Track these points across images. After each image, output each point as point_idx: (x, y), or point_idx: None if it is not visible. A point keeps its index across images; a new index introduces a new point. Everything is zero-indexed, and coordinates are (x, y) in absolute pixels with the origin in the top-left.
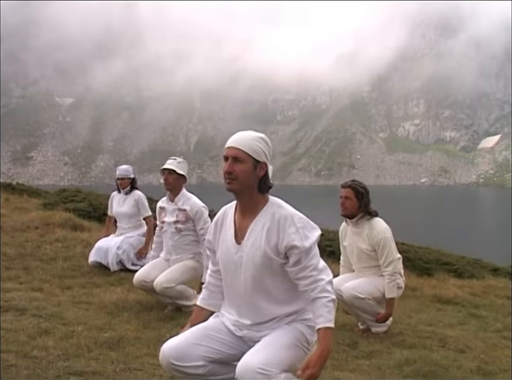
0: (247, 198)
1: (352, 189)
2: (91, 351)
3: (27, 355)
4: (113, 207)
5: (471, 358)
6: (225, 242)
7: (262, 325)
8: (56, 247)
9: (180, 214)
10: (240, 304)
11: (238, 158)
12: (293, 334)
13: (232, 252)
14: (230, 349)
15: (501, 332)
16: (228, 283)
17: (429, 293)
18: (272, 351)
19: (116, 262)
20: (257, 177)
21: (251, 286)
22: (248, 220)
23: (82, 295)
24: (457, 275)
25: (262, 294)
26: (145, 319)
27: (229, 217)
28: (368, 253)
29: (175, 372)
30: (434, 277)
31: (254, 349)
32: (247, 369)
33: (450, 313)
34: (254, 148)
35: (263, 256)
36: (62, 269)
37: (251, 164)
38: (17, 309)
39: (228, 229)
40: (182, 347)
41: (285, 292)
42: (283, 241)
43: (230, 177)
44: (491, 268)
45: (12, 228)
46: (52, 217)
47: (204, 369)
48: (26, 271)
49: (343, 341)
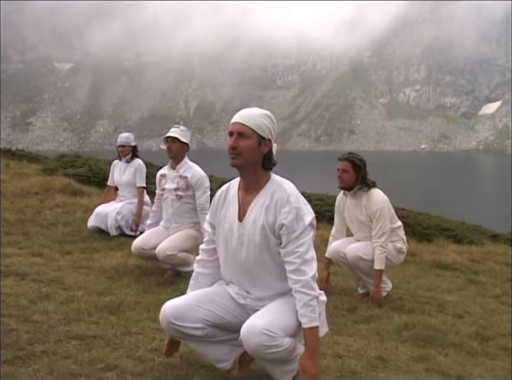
0: (250, 174)
1: (349, 162)
2: (91, 315)
3: (28, 319)
4: (115, 175)
5: (469, 323)
6: (227, 218)
7: (261, 302)
8: (56, 213)
9: (181, 181)
10: (241, 281)
11: (243, 134)
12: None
13: (234, 229)
14: (231, 316)
15: (499, 297)
16: (229, 260)
17: (428, 259)
18: (276, 315)
19: (115, 227)
20: (261, 154)
21: (252, 263)
22: (251, 197)
23: (82, 260)
24: (456, 241)
25: (263, 271)
26: (145, 284)
27: (232, 193)
28: (368, 224)
29: (173, 331)
30: (434, 243)
31: (259, 313)
32: (252, 330)
33: (449, 279)
34: (259, 124)
35: (262, 234)
36: (62, 234)
37: (256, 140)
38: (17, 274)
39: (230, 205)
40: (182, 307)
41: (282, 270)
42: (276, 219)
43: (235, 152)
44: (490, 234)
45: (11, 194)
46: (52, 183)
47: (203, 332)
48: (26, 236)
49: (343, 305)
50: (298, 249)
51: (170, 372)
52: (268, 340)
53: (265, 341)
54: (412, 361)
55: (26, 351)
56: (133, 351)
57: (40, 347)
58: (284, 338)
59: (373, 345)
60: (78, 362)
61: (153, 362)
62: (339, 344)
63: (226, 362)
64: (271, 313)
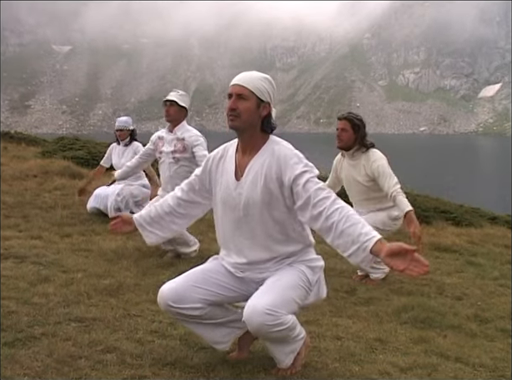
0: (248, 137)
1: (348, 121)
2: (91, 297)
3: (28, 302)
4: (113, 159)
5: (468, 305)
6: (225, 177)
7: (262, 265)
8: (55, 195)
9: (178, 144)
10: (239, 243)
11: (242, 95)
12: (297, 274)
13: (231, 189)
14: (229, 291)
15: (498, 279)
16: (226, 221)
17: (427, 241)
18: (278, 292)
19: (114, 208)
20: (260, 117)
21: (251, 222)
22: (249, 158)
23: (81, 243)
24: (455, 223)
25: (262, 231)
26: (144, 266)
27: (230, 153)
28: (366, 185)
29: (172, 314)
30: (433, 225)
31: (260, 291)
32: (255, 310)
33: (448, 261)
34: (259, 87)
35: (262, 192)
36: (61, 217)
37: (254, 102)
38: (16, 257)
39: (228, 165)
40: (179, 289)
41: (284, 231)
42: (285, 172)
43: (233, 113)
44: (489, 217)
45: (10, 177)
46: (51, 166)
47: (202, 311)
48: (25, 219)
49: (342, 287)
50: (319, 194)
51: (169, 354)
52: (270, 319)
53: (268, 320)
54: (411, 342)
55: (26, 333)
56: (133, 333)
57: (40, 330)
58: (287, 316)
59: (372, 327)
60: (78, 344)
61: (153, 344)
62: (338, 326)
63: (224, 344)
64: (273, 291)
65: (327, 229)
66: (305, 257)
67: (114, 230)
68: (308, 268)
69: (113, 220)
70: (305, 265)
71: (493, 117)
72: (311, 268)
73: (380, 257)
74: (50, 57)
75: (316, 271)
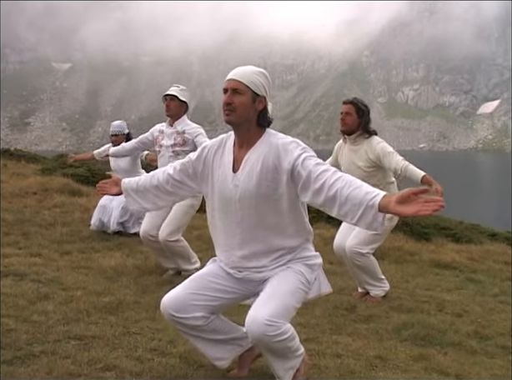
0: (244, 131)
1: (353, 105)
2: (90, 315)
3: (27, 319)
4: (111, 162)
5: (468, 322)
6: (222, 169)
7: (260, 261)
8: (54, 213)
9: (178, 137)
10: (236, 236)
11: (238, 90)
12: (295, 277)
13: (228, 181)
14: (229, 294)
15: (498, 296)
16: (223, 215)
17: (426, 258)
18: (278, 301)
19: (117, 222)
20: (255, 111)
21: (247, 216)
22: (245, 151)
23: (81, 260)
24: (455, 240)
25: (258, 224)
26: (144, 284)
27: (228, 146)
28: (365, 170)
29: (176, 324)
30: (432, 242)
31: (261, 300)
32: (255, 321)
33: (448, 278)
34: (254, 81)
35: (258, 184)
36: (60, 234)
37: (250, 97)
38: (16, 274)
39: (225, 158)
40: (179, 298)
41: (282, 224)
42: (285, 158)
43: (229, 108)
44: (489, 233)
45: (10, 194)
46: (51, 183)
47: (204, 321)
48: (25, 236)
49: (341, 305)
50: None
51: (169, 372)
52: (271, 330)
53: (268, 331)
54: (411, 360)
55: (25, 351)
56: (132, 351)
57: (39, 348)
58: (286, 325)
59: (372, 344)
60: (77, 362)
61: (152, 362)
62: (338, 343)
63: (224, 361)
64: (273, 299)
65: (331, 199)
66: (303, 254)
67: (101, 190)
68: (306, 267)
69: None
70: (303, 263)
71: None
72: (309, 266)
73: (390, 208)
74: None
75: (314, 269)
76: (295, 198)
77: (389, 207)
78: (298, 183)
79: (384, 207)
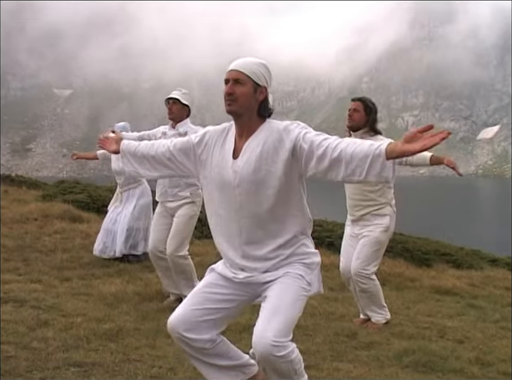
0: (245, 121)
1: (362, 102)
2: (90, 342)
3: (27, 346)
4: (112, 162)
5: (470, 349)
6: (222, 155)
7: (260, 249)
8: (55, 239)
9: (179, 138)
10: (235, 224)
11: (239, 80)
12: (296, 284)
13: (227, 167)
14: (232, 302)
15: (499, 322)
16: (222, 205)
17: (427, 284)
18: (282, 316)
19: (122, 245)
20: (257, 101)
21: (245, 202)
22: (245, 140)
23: (81, 286)
24: (456, 266)
25: (256, 211)
26: (144, 310)
27: (230, 134)
28: None
29: (183, 343)
30: (433, 268)
31: (265, 317)
32: (262, 342)
33: (449, 304)
34: (255, 71)
35: (258, 169)
36: (61, 261)
37: (251, 87)
38: (16, 300)
39: (227, 144)
40: (186, 315)
41: (281, 211)
42: (287, 137)
43: (230, 98)
44: (490, 259)
45: (11, 220)
46: (51, 209)
47: (211, 344)
48: (25, 262)
49: (342, 331)
50: (320, 137)
51: None
52: (277, 350)
53: (275, 351)
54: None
55: (25, 378)
56: (132, 378)
57: (39, 374)
58: (290, 343)
59: (373, 371)
60: None
61: None
62: (339, 370)
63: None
64: (276, 314)
65: (336, 160)
66: (302, 250)
67: (102, 144)
68: (305, 268)
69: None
70: (302, 263)
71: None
72: (308, 266)
73: (397, 150)
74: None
75: (313, 268)
76: (295, 184)
77: (395, 149)
78: (301, 158)
79: (390, 151)
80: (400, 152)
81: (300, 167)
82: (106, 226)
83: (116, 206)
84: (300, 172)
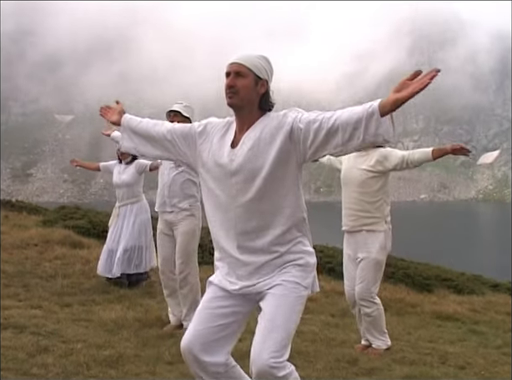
0: (246, 114)
1: None
2: (90, 369)
3: (27, 373)
4: (114, 176)
5: (472, 375)
6: (221, 145)
7: (254, 241)
8: (55, 265)
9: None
10: (230, 213)
11: (240, 73)
12: (293, 295)
13: (224, 156)
14: (236, 314)
15: (501, 348)
16: (218, 192)
17: (428, 310)
18: (279, 333)
19: (121, 265)
20: (257, 94)
21: (241, 190)
22: (245, 132)
23: (81, 312)
24: (457, 291)
25: (252, 200)
26: (144, 337)
27: (231, 127)
28: (366, 175)
29: (197, 368)
30: (434, 294)
31: (262, 334)
32: (259, 364)
33: (450, 330)
34: (256, 64)
35: (253, 156)
36: (61, 287)
37: (252, 79)
38: (16, 327)
39: (227, 136)
40: (200, 335)
41: (276, 201)
42: (286, 122)
43: (232, 91)
44: (491, 284)
45: (11, 246)
46: (52, 235)
47: (224, 368)
48: (25, 288)
49: (343, 358)
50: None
51: None
52: (276, 371)
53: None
54: None
55: None
56: None
57: None
58: (288, 364)
59: None
60: None
61: None
62: None
63: None
64: (274, 331)
65: (333, 128)
66: (299, 248)
67: (103, 113)
68: (302, 272)
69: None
70: (298, 266)
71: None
72: (304, 269)
73: (390, 101)
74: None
75: (309, 270)
76: (292, 173)
77: (388, 101)
78: (299, 139)
79: (383, 106)
80: (393, 102)
81: (299, 150)
82: (108, 245)
83: (115, 223)
84: (298, 158)
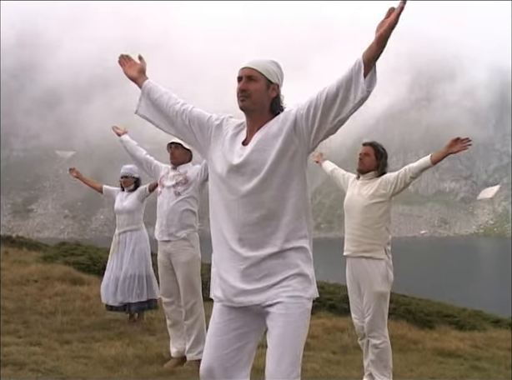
0: (257, 116)
1: (372, 147)
2: None
3: None
4: (116, 202)
5: None
6: (231, 142)
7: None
8: (55, 301)
9: (179, 177)
10: (233, 203)
11: (252, 77)
12: (298, 312)
13: (234, 152)
14: (246, 336)
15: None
16: (222, 191)
17: (430, 346)
18: (289, 357)
19: (121, 293)
20: (269, 97)
21: (246, 184)
22: (255, 132)
23: (81, 349)
24: (458, 327)
25: (255, 191)
26: (144, 374)
27: (244, 129)
28: (374, 200)
29: None
30: (436, 330)
31: (273, 360)
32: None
33: (452, 366)
34: (267, 69)
35: (261, 149)
36: (61, 323)
37: (264, 83)
38: (15, 363)
39: (240, 136)
40: (218, 362)
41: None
42: (289, 116)
43: (244, 94)
44: (493, 320)
45: (11, 282)
46: (52, 271)
47: None
48: (25, 325)
49: None
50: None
51: None
52: None
53: None
54: None
55: None
56: None
57: None
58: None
59: None
60: None
61: None
62: None
63: None
64: (284, 355)
65: (328, 100)
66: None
67: (121, 63)
68: (303, 283)
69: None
70: (299, 276)
71: (493, 219)
72: (305, 279)
73: (373, 47)
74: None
75: (310, 280)
76: (296, 165)
77: (370, 48)
78: (302, 126)
79: (367, 55)
80: (377, 40)
81: (304, 138)
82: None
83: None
84: (303, 148)
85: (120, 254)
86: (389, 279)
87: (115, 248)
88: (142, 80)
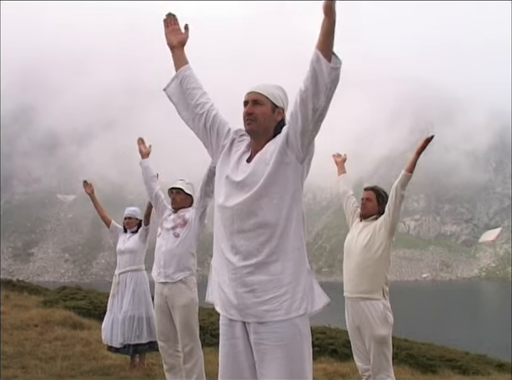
0: (263, 140)
1: (374, 192)
2: None
3: None
4: (118, 243)
5: None
6: (238, 158)
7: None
8: (55, 346)
9: (178, 219)
10: (231, 210)
11: (258, 101)
12: (300, 355)
13: (239, 168)
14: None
15: None
16: (221, 199)
17: None
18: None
19: (121, 334)
20: (275, 121)
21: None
22: (260, 150)
23: None
24: (461, 371)
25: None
26: None
27: (250, 150)
28: (373, 235)
29: None
30: (439, 374)
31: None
32: None
33: None
34: (273, 93)
35: (261, 161)
36: (61, 368)
37: (269, 107)
38: None
39: (246, 153)
40: None
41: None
42: (283, 132)
43: (250, 118)
44: (496, 364)
45: (11, 326)
46: (52, 315)
47: None
48: (24, 370)
49: None
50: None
51: None
52: None
53: None
54: None
55: None
56: None
57: None
58: None
59: None
60: None
61: None
62: None
63: None
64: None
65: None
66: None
67: (166, 25)
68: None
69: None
70: (297, 312)
71: (495, 262)
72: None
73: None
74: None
75: (307, 316)
76: (291, 174)
77: (319, 37)
78: (292, 134)
79: (319, 43)
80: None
81: (294, 147)
82: (112, 314)
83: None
84: (297, 156)
85: (120, 295)
86: (389, 321)
87: (115, 289)
88: (179, 52)
